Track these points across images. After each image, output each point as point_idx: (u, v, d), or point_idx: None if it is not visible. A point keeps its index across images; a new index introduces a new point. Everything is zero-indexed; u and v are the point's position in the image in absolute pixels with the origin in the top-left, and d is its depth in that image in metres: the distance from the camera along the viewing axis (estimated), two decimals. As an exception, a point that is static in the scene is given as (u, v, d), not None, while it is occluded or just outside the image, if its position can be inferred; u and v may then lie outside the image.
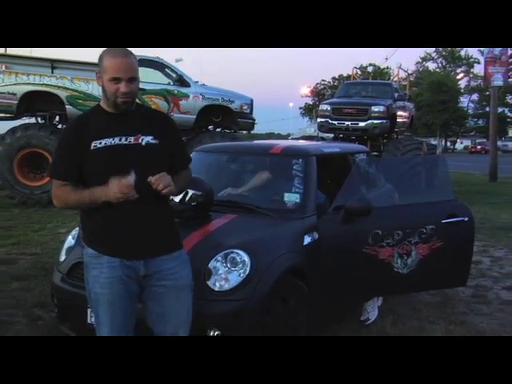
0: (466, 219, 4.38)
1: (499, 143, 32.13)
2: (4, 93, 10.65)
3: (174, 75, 11.29)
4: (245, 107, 11.65)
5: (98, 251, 2.43)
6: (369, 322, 4.36)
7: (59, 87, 10.84)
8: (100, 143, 2.34)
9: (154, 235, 2.42)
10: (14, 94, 10.67)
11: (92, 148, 2.34)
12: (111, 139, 2.35)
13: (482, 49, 20.76)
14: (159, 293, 2.45)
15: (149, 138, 2.38)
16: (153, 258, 2.42)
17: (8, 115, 11.29)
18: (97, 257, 2.43)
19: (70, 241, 3.98)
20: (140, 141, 2.37)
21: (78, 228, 4.11)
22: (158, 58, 11.46)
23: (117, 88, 2.30)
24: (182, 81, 11.16)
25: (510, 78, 26.58)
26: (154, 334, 2.53)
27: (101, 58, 2.35)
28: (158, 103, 11.00)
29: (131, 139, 2.36)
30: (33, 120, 11.66)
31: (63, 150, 2.46)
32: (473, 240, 4.52)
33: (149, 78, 11.11)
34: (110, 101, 2.36)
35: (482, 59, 24.48)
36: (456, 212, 4.36)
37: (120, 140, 2.35)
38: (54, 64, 11.47)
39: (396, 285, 4.27)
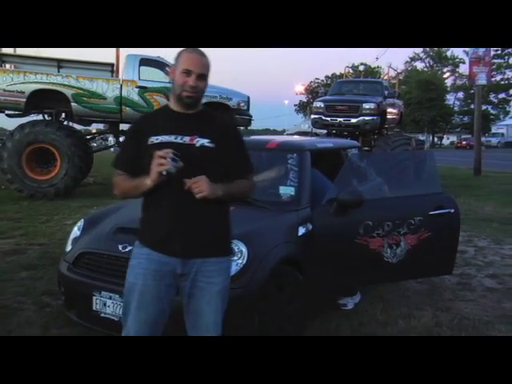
0: (452, 211, 4.40)
1: (483, 139, 32.26)
2: (13, 91, 10.61)
3: (170, 73, 11.24)
4: (242, 104, 11.64)
5: (141, 242, 2.41)
6: (345, 308, 4.40)
7: (65, 85, 10.80)
8: (156, 139, 2.31)
9: (197, 236, 2.33)
10: (23, 92, 10.64)
11: (149, 143, 2.32)
12: (167, 136, 2.31)
13: (466, 49, 20.90)
14: (193, 293, 2.36)
15: (205, 141, 2.31)
16: (190, 258, 2.34)
17: (17, 112, 11.28)
18: (139, 247, 2.40)
19: (75, 232, 3.98)
20: (195, 142, 2.30)
21: (83, 219, 4.12)
22: (159, 57, 11.43)
23: (186, 81, 2.27)
24: (182, 79, 11.09)
25: (493, 77, 26.65)
26: (187, 330, 2.45)
27: (178, 54, 2.33)
28: (159, 100, 10.98)
29: (186, 139, 2.30)
30: (40, 117, 11.63)
31: (125, 144, 2.54)
32: (458, 230, 4.54)
33: (150, 76, 11.16)
34: (176, 94, 2.33)
35: (466, 59, 24.59)
36: (443, 204, 4.38)
37: (175, 138, 2.30)
38: (60, 63, 11.52)
39: (386, 273, 4.29)
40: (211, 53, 2.40)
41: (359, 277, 4.29)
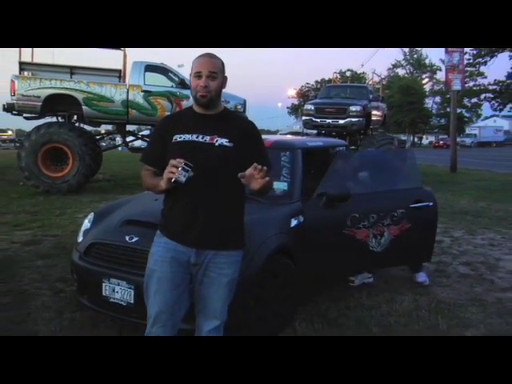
0: (431, 204, 4.40)
1: (458, 139, 32.26)
2: (30, 96, 10.67)
3: (177, 79, 11.24)
4: (239, 107, 11.61)
5: (161, 232, 2.40)
6: (353, 284, 4.56)
7: (77, 90, 10.82)
8: (180, 137, 2.31)
9: (211, 229, 2.31)
10: (39, 97, 10.69)
11: (173, 141, 2.32)
12: (189, 135, 2.31)
13: (443, 58, 20.86)
14: (204, 281, 2.35)
15: (224, 140, 2.29)
16: (204, 249, 2.32)
17: (33, 115, 11.29)
18: (159, 236, 2.40)
19: (86, 224, 3.96)
20: (214, 141, 2.29)
21: (93, 213, 4.10)
22: (162, 64, 11.43)
23: (197, 83, 2.27)
24: (183, 83, 11.09)
25: (466, 83, 26.71)
26: (196, 313, 2.43)
27: (192, 62, 2.32)
28: (163, 103, 10.98)
29: (207, 138, 2.29)
30: (54, 119, 11.61)
31: (152, 140, 2.52)
32: (436, 222, 4.55)
33: (155, 81, 11.17)
34: (193, 96, 2.33)
35: (443, 67, 24.56)
36: (422, 198, 4.39)
37: (197, 137, 2.30)
38: (72, 70, 11.55)
39: (371, 261, 4.31)
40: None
41: (347, 265, 4.30)
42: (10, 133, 49.37)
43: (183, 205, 2.30)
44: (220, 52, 2.55)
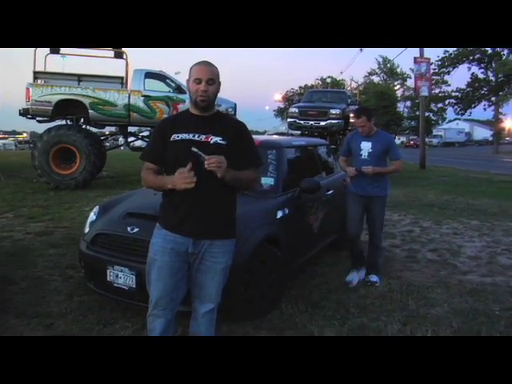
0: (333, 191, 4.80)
1: (426, 139, 32.40)
2: (43, 101, 10.67)
3: (174, 84, 11.19)
4: (230, 110, 11.59)
5: (160, 224, 2.39)
6: (350, 285, 4.23)
7: (83, 96, 10.79)
8: (178, 136, 2.30)
9: (207, 221, 2.30)
10: (50, 102, 10.67)
11: (171, 139, 2.31)
12: (186, 134, 2.29)
13: (412, 67, 20.98)
14: (200, 269, 2.35)
15: (218, 139, 2.28)
16: (201, 239, 2.31)
17: (45, 118, 11.24)
18: (159, 228, 2.38)
19: (92, 216, 3.93)
20: (209, 139, 2.28)
21: (98, 206, 4.07)
22: (161, 71, 11.39)
23: (197, 88, 2.26)
24: (179, 89, 11.07)
25: (432, 90, 26.91)
26: (192, 298, 2.43)
27: (190, 68, 2.32)
28: (161, 107, 10.96)
29: (202, 137, 2.28)
30: (63, 122, 11.52)
31: (152, 140, 2.49)
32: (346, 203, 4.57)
33: (154, 87, 11.12)
34: (192, 100, 2.32)
35: (412, 75, 24.71)
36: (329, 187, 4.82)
37: (193, 136, 2.29)
38: (80, 78, 11.52)
39: (315, 243, 4.58)
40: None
41: (307, 249, 4.39)
42: (24, 135, 48.95)
43: (181, 199, 2.28)
44: (214, 59, 2.52)
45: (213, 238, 2.33)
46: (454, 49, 32.76)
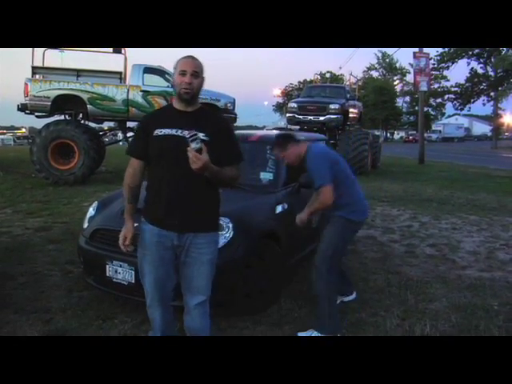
0: None
1: (425, 135, 32.42)
2: (41, 97, 10.60)
3: (172, 79, 11.15)
4: (229, 105, 11.59)
5: (145, 218, 2.42)
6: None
7: (82, 91, 10.72)
8: (161, 132, 2.31)
9: (190, 214, 2.32)
10: (48, 98, 10.60)
11: (154, 134, 2.32)
12: (169, 130, 2.30)
13: (411, 62, 20.91)
14: (186, 261, 2.38)
15: (200, 134, 2.25)
16: (185, 232, 2.34)
17: (44, 114, 11.17)
18: (144, 223, 2.41)
19: (91, 212, 3.93)
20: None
21: (97, 202, 4.06)
22: (159, 66, 11.35)
23: (182, 80, 2.28)
24: (178, 84, 11.04)
25: (431, 85, 26.91)
26: (182, 291, 2.46)
27: (176, 62, 2.34)
28: (160, 102, 10.91)
29: (185, 132, 2.26)
30: (62, 117, 11.49)
31: (136, 135, 2.55)
32: None
33: (152, 82, 11.06)
34: (176, 93, 2.34)
35: (411, 70, 24.65)
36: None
37: (176, 132, 2.29)
38: (78, 73, 11.43)
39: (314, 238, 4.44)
40: (203, 60, 2.35)
41: (306, 244, 4.31)
42: (23, 130, 48.79)
43: (165, 193, 2.32)
44: (213, 54, 2.51)
45: (195, 231, 2.35)
46: (453, 45, 32.68)
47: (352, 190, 3.26)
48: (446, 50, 31.89)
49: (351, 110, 14.80)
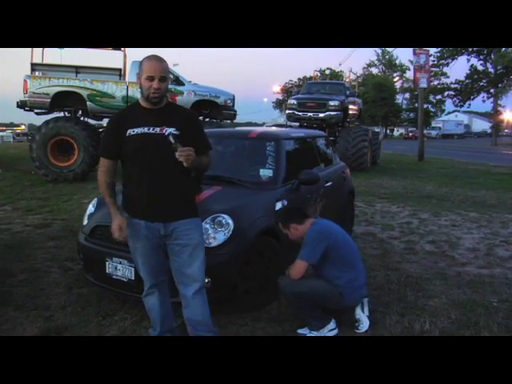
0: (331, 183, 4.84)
1: (425, 131, 32.42)
2: (40, 93, 10.60)
3: (172, 76, 11.13)
4: (228, 101, 11.58)
5: (129, 214, 2.51)
6: (363, 330, 3.18)
7: (81, 88, 10.73)
8: (133, 131, 2.40)
9: (172, 204, 2.44)
10: (48, 94, 10.60)
11: (127, 135, 2.40)
12: (142, 128, 2.39)
13: (411, 58, 20.92)
14: (176, 250, 2.49)
15: (171, 130, 2.37)
16: (170, 222, 2.44)
17: (43, 110, 11.19)
18: (130, 218, 2.50)
19: (90, 209, 3.92)
20: (164, 131, 2.37)
21: (96, 199, 4.05)
22: (159, 63, 11.30)
23: (150, 85, 2.34)
24: (178, 81, 11.05)
25: (431, 82, 26.89)
26: (176, 283, 2.56)
27: (141, 63, 2.39)
28: None
29: (157, 129, 2.39)
30: (61, 114, 11.47)
31: (106, 136, 2.58)
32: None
33: (152, 79, 11.01)
34: (144, 96, 2.40)
35: (411, 67, 24.63)
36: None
37: (148, 130, 2.39)
38: (77, 69, 11.45)
39: None
40: (202, 57, 2.34)
41: None
42: (22, 127, 48.65)
43: (144, 187, 2.41)
44: (212, 51, 2.51)
45: (180, 219, 2.46)
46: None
47: (353, 267, 3.16)
48: (446, 47, 31.85)
49: (351, 106, 14.79)
